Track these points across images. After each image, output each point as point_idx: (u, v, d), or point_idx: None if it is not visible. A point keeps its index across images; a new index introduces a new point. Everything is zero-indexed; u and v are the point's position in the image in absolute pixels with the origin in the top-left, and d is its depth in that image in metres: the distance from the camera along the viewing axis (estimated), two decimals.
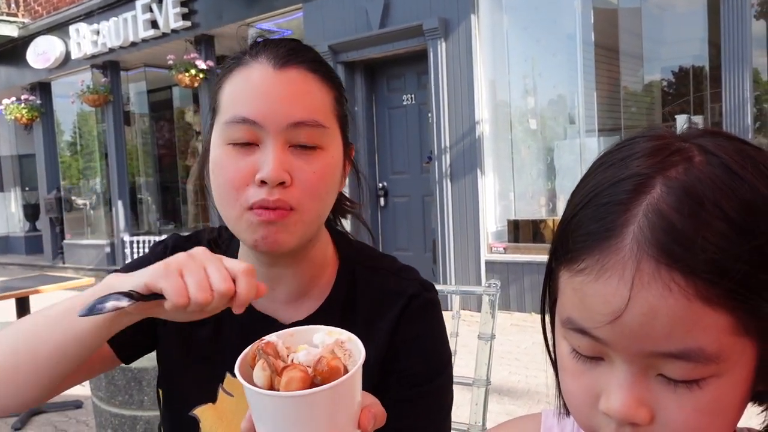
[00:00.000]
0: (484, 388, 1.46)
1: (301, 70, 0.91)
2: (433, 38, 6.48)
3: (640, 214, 0.49)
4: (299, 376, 0.63)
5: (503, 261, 6.38)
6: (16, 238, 14.90)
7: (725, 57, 5.09)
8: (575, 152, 6.56)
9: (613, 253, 0.49)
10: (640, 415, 0.50)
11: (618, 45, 6.77)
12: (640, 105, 7.21)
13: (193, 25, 8.91)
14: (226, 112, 0.90)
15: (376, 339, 0.97)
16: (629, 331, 0.49)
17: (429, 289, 1.03)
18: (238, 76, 0.91)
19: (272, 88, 0.88)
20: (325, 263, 1.03)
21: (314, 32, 7.45)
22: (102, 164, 11.45)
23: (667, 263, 0.47)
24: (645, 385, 0.50)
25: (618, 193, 0.50)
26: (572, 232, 0.53)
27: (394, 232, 7.58)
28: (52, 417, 4.22)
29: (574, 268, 0.52)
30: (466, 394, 1.51)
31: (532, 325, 5.82)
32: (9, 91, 12.32)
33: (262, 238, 0.88)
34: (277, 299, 1.00)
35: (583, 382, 0.54)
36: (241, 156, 0.88)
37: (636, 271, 0.48)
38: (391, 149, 7.52)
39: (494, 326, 1.47)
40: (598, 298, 0.50)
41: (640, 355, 0.49)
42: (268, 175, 0.85)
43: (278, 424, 0.64)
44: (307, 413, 0.63)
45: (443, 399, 1.00)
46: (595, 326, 0.50)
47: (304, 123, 0.88)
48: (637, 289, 0.47)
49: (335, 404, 0.64)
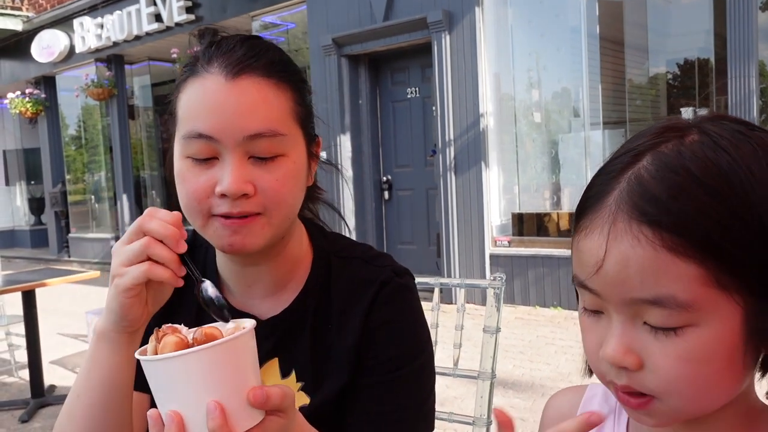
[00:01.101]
0: (489, 381, 1.47)
1: (255, 78, 0.89)
2: (438, 31, 6.46)
3: (624, 181, 0.56)
4: (173, 340, 0.67)
5: (507, 254, 6.38)
6: (21, 231, 14.96)
7: (731, 49, 5.07)
8: (580, 145, 6.55)
9: (599, 212, 0.57)
10: (629, 360, 0.56)
11: (623, 37, 6.73)
12: (645, 98, 7.19)
13: (197, 18, 8.90)
14: (183, 125, 0.90)
15: (351, 327, 0.98)
16: (609, 279, 0.55)
17: (401, 274, 1.03)
18: (192, 87, 0.90)
19: (225, 102, 0.87)
20: (300, 257, 1.03)
21: (318, 25, 7.44)
22: (106, 158, 11.47)
23: (638, 218, 0.54)
24: (633, 333, 0.56)
25: (615, 165, 0.58)
26: (581, 201, 0.61)
27: (398, 226, 7.58)
28: (58, 409, 4.23)
29: (577, 229, 0.60)
30: (470, 387, 1.52)
31: (536, 318, 5.82)
32: (14, 85, 12.34)
33: (229, 245, 0.90)
34: (254, 295, 1.01)
35: (592, 335, 0.61)
36: (202, 169, 0.88)
37: (612, 226, 0.55)
38: (395, 143, 7.52)
39: (499, 319, 1.48)
40: (586, 251, 0.58)
41: (623, 302, 0.56)
42: (228, 188, 0.86)
43: (160, 391, 0.68)
44: (181, 376, 0.66)
45: (422, 382, 1.01)
46: (587, 278, 0.58)
47: (261, 134, 0.87)
48: (612, 241, 0.55)
49: (210, 370, 0.66)
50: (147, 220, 0.83)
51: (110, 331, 0.84)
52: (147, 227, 0.82)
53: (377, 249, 1.09)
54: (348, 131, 7.32)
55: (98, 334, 0.85)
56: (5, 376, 5.09)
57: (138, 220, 0.84)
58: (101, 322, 0.85)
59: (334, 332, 0.99)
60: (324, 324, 1.00)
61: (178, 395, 0.67)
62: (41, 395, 4.33)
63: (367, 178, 7.51)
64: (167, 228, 0.82)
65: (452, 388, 3.89)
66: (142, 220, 0.84)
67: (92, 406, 0.86)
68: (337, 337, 0.99)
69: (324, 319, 1.00)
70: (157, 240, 0.82)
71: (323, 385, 0.98)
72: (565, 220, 6.49)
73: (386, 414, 0.96)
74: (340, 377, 0.98)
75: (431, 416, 1.03)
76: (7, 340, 5.00)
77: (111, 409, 0.86)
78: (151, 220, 0.83)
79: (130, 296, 0.81)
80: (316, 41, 7.41)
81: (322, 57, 7.33)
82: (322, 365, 0.99)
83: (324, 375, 0.99)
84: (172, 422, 0.67)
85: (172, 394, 0.67)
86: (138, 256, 0.81)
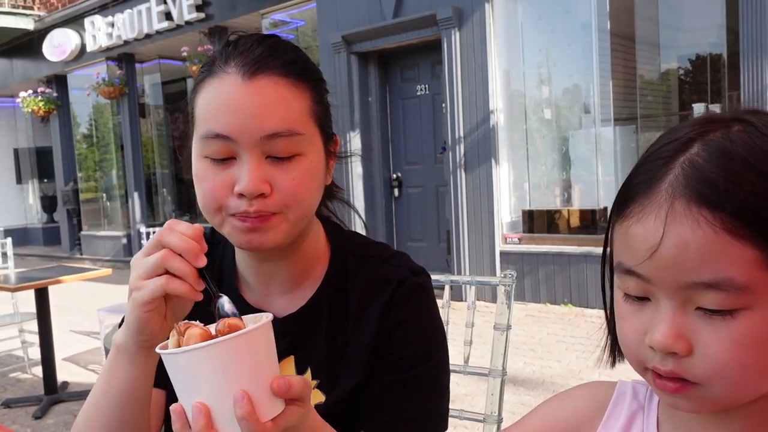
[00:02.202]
0: (500, 378, 1.46)
1: (272, 77, 0.88)
2: (447, 28, 6.45)
3: (677, 166, 0.57)
4: (198, 332, 0.68)
5: (518, 251, 6.37)
6: (34, 229, 15.08)
7: (743, 44, 5.02)
8: (590, 142, 6.52)
9: (653, 197, 0.57)
10: (679, 346, 0.56)
11: (634, 33, 6.69)
12: (657, 94, 7.14)
13: (207, 16, 8.93)
14: (200, 125, 0.90)
15: (367, 326, 0.98)
16: (666, 264, 0.55)
17: (417, 273, 1.03)
18: (210, 87, 0.90)
19: (243, 102, 0.87)
20: (317, 254, 1.04)
21: (327, 23, 7.44)
22: (118, 156, 11.54)
23: (696, 201, 0.54)
24: (684, 319, 0.56)
25: (663, 152, 0.59)
26: (625, 188, 0.61)
27: (408, 223, 7.58)
28: (71, 406, 4.28)
29: (623, 216, 0.60)
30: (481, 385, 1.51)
31: (546, 315, 5.80)
32: (26, 84, 12.43)
33: (247, 242, 0.90)
34: (271, 292, 1.02)
35: (633, 322, 0.61)
36: (219, 169, 0.89)
37: (669, 210, 0.55)
38: (404, 140, 7.51)
39: (510, 317, 1.47)
40: (638, 236, 0.57)
41: (677, 287, 0.56)
42: (246, 188, 0.86)
43: (186, 384, 0.67)
44: (207, 367, 0.66)
45: (437, 381, 1.01)
46: (638, 263, 0.57)
47: (278, 134, 0.87)
48: (670, 225, 0.55)
49: (236, 360, 0.67)
50: (166, 234, 0.81)
51: (129, 345, 0.84)
52: (166, 240, 0.80)
53: (393, 248, 1.09)
54: (358, 129, 7.32)
55: (117, 346, 0.85)
56: (19, 373, 5.13)
57: (158, 233, 0.83)
58: (120, 335, 0.85)
59: (350, 331, 0.99)
60: (340, 323, 1.00)
61: (204, 387, 0.67)
62: (54, 392, 4.36)
63: (377, 175, 7.51)
64: (186, 242, 0.80)
65: (463, 386, 3.89)
66: (161, 233, 0.82)
67: (110, 416, 0.87)
68: (353, 336, 0.99)
69: (340, 317, 1.01)
70: (175, 253, 0.80)
71: (338, 384, 0.98)
72: (576, 217, 6.46)
73: (401, 413, 0.96)
74: (355, 376, 0.98)
75: (446, 416, 1.03)
76: (20, 338, 5.04)
77: (128, 419, 0.87)
78: (171, 234, 0.81)
79: (148, 310, 0.80)
80: (326, 39, 7.41)
81: (331, 54, 7.34)
82: (337, 364, 0.99)
83: (339, 373, 0.99)
84: (200, 414, 0.67)
85: (197, 386, 0.67)
86: (156, 270, 0.80)
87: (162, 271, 0.80)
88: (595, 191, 6.47)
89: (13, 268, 5.31)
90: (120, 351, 0.85)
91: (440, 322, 1.04)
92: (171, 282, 0.79)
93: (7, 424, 4.06)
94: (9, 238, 5.66)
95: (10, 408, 4.36)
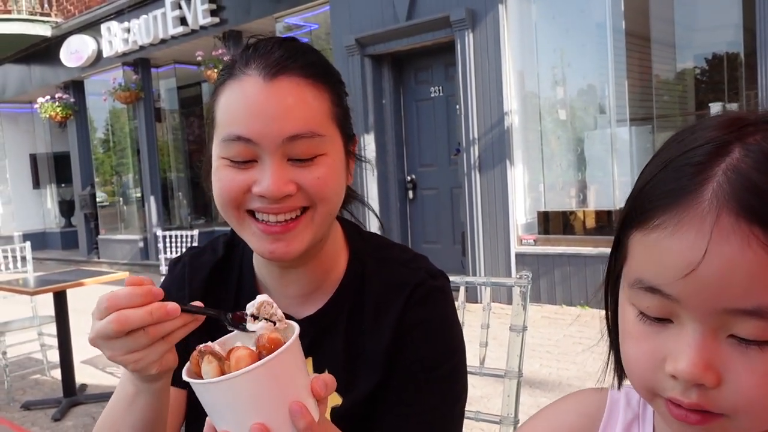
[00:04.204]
0: (516, 380, 1.46)
1: (293, 78, 0.88)
2: (461, 29, 6.44)
3: (720, 173, 0.49)
4: (246, 353, 0.67)
5: (533, 253, 6.34)
6: (52, 233, 15.24)
7: (760, 42, 4.97)
8: (606, 142, 6.47)
9: (692, 208, 0.49)
10: (708, 377, 0.50)
11: (649, 32, 6.64)
12: (673, 94, 7.08)
13: (221, 21, 8.98)
14: (222, 128, 0.89)
15: (384, 329, 0.98)
16: (704, 286, 0.48)
17: (435, 276, 1.02)
18: (231, 89, 0.90)
19: (264, 104, 0.86)
20: (336, 257, 1.03)
21: (341, 26, 7.46)
22: (134, 160, 11.64)
23: (746, 217, 0.47)
24: (715, 347, 0.50)
25: (695, 156, 0.51)
26: (647, 194, 0.53)
27: (423, 225, 7.57)
28: (90, 408, 4.32)
29: (649, 226, 0.52)
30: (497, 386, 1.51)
31: (562, 317, 5.77)
32: (43, 89, 12.58)
33: (269, 252, 0.89)
34: (290, 294, 1.02)
35: (648, 346, 0.54)
36: (240, 170, 0.88)
37: (715, 225, 0.48)
38: (419, 142, 7.51)
39: (526, 318, 1.47)
40: (673, 252, 0.50)
41: (712, 312, 0.49)
42: (267, 190, 0.86)
43: (239, 408, 0.66)
44: (264, 386, 0.65)
45: (454, 385, 1.00)
46: (667, 282, 0.50)
47: (300, 135, 0.87)
48: (715, 242, 0.48)
49: (286, 372, 0.67)
50: (126, 313, 0.72)
51: (149, 386, 0.82)
52: (125, 322, 0.72)
53: (413, 250, 1.08)
54: (372, 131, 7.33)
55: (131, 382, 0.83)
56: (38, 376, 5.19)
57: (101, 327, 0.74)
58: (136, 380, 0.82)
59: (367, 334, 0.99)
60: (357, 325, 1.00)
61: (260, 407, 0.66)
62: (73, 394, 4.40)
63: (392, 177, 7.51)
64: (150, 313, 0.72)
65: (479, 387, 3.87)
66: (107, 323, 0.73)
67: None
68: (370, 339, 0.99)
69: (358, 320, 1.00)
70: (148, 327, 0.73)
71: (355, 387, 0.98)
72: (592, 218, 6.42)
73: (417, 416, 0.96)
74: (372, 379, 0.97)
75: (461, 419, 1.02)
76: (39, 340, 5.09)
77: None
78: (128, 305, 0.72)
79: (158, 369, 0.78)
80: (340, 42, 7.43)
81: (345, 57, 7.35)
82: (354, 366, 0.99)
83: (356, 376, 0.98)
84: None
85: (253, 407, 0.66)
86: (147, 345, 0.74)
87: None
88: (610, 192, 6.42)
89: (32, 272, 5.38)
90: (138, 389, 0.82)
91: (458, 326, 1.03)
92: (171, 339, 0.76)
93: (27, 426, 4.10)
94: (28, 242, 5.72)
95: (29, 410, 4.41)
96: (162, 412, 0.86)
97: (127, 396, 0.84)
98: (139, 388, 0.82)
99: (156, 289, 0.74)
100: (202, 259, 1.08)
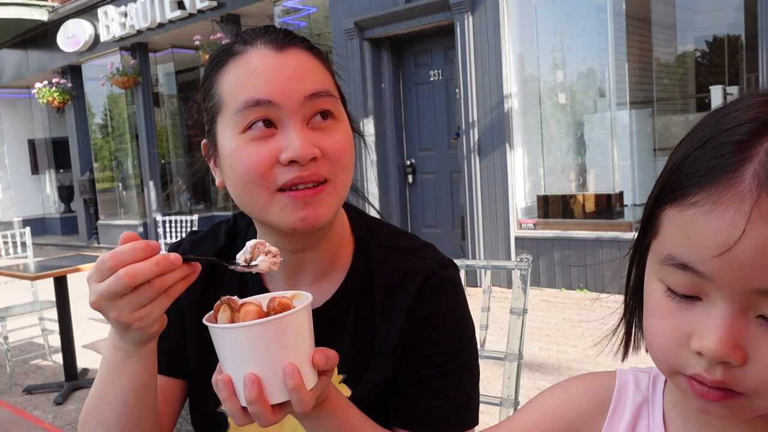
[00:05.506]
0: (516, 362, 1.47)
1: (301, 50, 0.92)
2: (460, 12, 6.40)
3: (762, 153, 0.49)
4: (254, 309, 0.73)
5: (533, 237, 6.35)
6: (51, 219, 15.24)
7: (762, 25, 4.94)
8: (606, 126, 6.46)
9: (731, 187, 0.49)
10: (735, 356, 0.50)
11: (650, 15, 6.61)
12: (673, 77, 7.06)
13: (219, 5, 8.92)
14: (233, 101, 0.88)
15: (395, 320, 0.96)
16: (739, 265, 0.49)
17: (446, 266, 1.00)
18: (237, 65, 0.90)
19: (280, 68, 0.88)
20: (343, 243, 1.02)
21: (340, 9, 7.41)
22: (133, 145, 11.61)
23: None
24: (743, 326, 0.51)
25: (736, 134, 0.51)
26: (685, 170, 0.53)
27: (423, 209, 7.57)
28: None
29: (685, 203, 0.52)
30: (497, 369, 1.52)
31: (562, 301, 5.79)
32: (41, 75, 12.52)
33: (301, 219, 0.88)
34: (297, 283, 1.01)
35: (674, 322, 0.55)
36: (262, 142, 0.87)
37: (755, 205, 0.48)
38: (418, 126, 7.49)
39: (526, 301, 1.47)
40: (709, 230, 0.50)
41: (744, 292, 0.50)
42: (298, 153, 0.85)
43: (239, 356, 0.72)
44: (262, 342, 0.71)
45: (468, 377, 0.99)
46: (701, 260, 0.51)
47: (319, 93, 0.89)
48: (754, 222, 0.48)
49: (287, 335, 0.72)
50: (133, 267, 0.72)
51: (139, 349, 0.82)
52: (137, 272, 0.71)
53: (421, 238, 1.07)
54: (371, 115, 7.31)
55: (125, 351, 0.82)
56: (40, 360, 5.21)
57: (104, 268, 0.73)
58: (124, 343, 0.81)
59: (377, 325, 0.98)
60: (367, 316, 0.99)
61: (257, 359, 0.71)
62: (75, 378, 4.43)
63: (391, 162, 7.50)
64: (157, 263, 0.72)
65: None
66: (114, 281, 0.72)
67: (127, 413, 0.85)
68: (380, 330, 0.97)
69: (367, 311, 0.99)
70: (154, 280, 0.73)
71: (365, 378, 0.97)
72: (591, 202, 6.42)
73: (431, 409, 0.95)
74: (382, 370, 0.96)
75: (476, 411, 1.01)
76: (40, 325, 5.11)
77: (146, 411, 0.87)
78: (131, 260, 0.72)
79: (158, 329, 0.79)
80: (338, 25, 7.39)
81: (344, 41, 7.31)
82: (364, 358, 0.98)
83: (366, 368, 0.97)
84: (253, 384, 0.70)
85: (251, 358, 0.71)
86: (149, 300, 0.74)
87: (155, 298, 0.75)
88: (610, 175, 6.42)
89: (32, 258, 5.38)
90: (128, 353, 0.81)
91: (469, 317, 1.02)
92: (172, 293, 0.76)
93: (29, 410, 4.13)
94: (27, 227, 5.72)
95: (31, 394, 4.44)
96: (150, 382, 0.86)
97: (115, 364, 0.83)
98: (129, 353, 0.81)
99: (153, 242, 0.74)
100: (202, 248, 1.07)
